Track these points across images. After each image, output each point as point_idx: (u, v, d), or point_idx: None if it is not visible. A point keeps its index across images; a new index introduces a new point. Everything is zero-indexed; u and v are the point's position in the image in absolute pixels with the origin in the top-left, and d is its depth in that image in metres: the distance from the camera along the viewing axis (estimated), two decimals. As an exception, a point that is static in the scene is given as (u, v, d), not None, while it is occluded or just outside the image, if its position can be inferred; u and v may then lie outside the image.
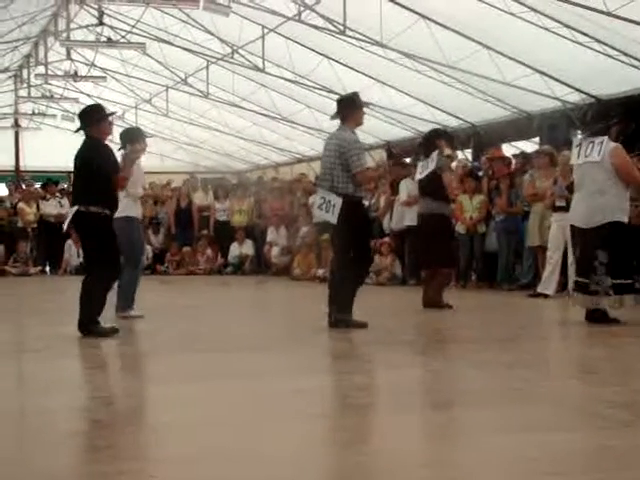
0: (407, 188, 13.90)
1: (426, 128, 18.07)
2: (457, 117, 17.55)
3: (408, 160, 15.99)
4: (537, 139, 16.04)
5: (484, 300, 11.50)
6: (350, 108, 7.87)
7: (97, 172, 7.29)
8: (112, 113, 8.87)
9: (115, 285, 8.16)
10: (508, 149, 15.85)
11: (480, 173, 14.11)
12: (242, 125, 23.45)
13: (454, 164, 11.94)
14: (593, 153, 7.76)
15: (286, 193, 18.35)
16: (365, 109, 8.28)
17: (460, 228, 13.16)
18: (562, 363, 5.91)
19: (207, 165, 27.49)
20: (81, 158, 7.47)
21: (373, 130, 19.24)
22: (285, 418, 4.14)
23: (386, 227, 14.81)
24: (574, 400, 4.44)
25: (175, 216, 18.91)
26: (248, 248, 18.21)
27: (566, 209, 10.99)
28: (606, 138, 7.77)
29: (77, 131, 7.66)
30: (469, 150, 17.61)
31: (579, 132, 8.25)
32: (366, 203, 7.91)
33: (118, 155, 8.80)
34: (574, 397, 4.51)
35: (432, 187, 9.61)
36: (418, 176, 9.97)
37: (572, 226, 8.22)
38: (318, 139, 20.05)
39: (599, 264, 7.65)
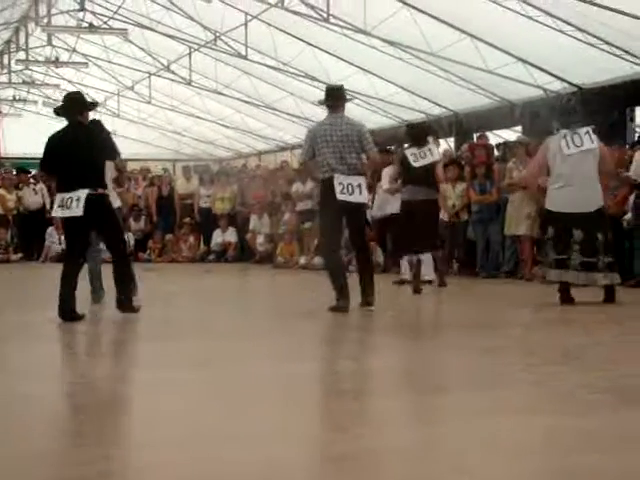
0: (390, 176, 13.90)
1: (409, 116, 18.11)
2: (440, 105, 17.58)
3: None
4: (519, 127, 16.11)
5: (466, 287, 11.54)
6: (344, 99, 8.46)
7: None
8: None
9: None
10: (491, 138, 15.89)
11: (463, 162, 14.14)
12: (225, 112, 23.40)
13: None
14: (585, 142, 7.99)
15: (269, 181, 18.33)
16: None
17: (444, 216, 13.18)
18: (544, 348, 5.94)
19: (189, 153, 27.43)
20: None
21: (356, 118, 19.19)
22: (274, 403, 4.15)
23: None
24: (556, 385, 4.47)
25: (156, 204, 18.86)
26: (231, 236, 18.17)
27: None
28: (590, 128, 8.07)
29: None
30: (451, 138, 17.64)
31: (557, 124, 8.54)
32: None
33: None
34: (556, 382, 4.54)
35: (430, 176, 10.08)
36: (413, 164, 10.15)
37: (560, 212, 8.24)
38: (301, 127, 20.04)
39: (599, 244, 8.08)
